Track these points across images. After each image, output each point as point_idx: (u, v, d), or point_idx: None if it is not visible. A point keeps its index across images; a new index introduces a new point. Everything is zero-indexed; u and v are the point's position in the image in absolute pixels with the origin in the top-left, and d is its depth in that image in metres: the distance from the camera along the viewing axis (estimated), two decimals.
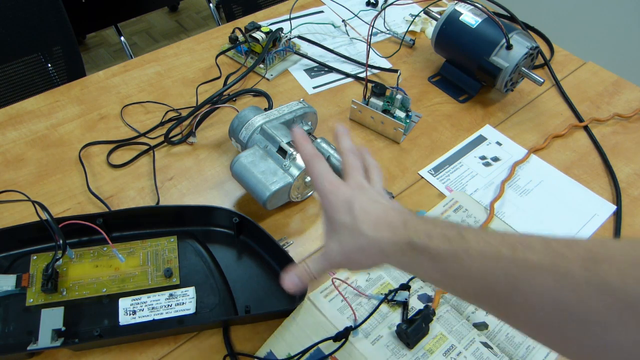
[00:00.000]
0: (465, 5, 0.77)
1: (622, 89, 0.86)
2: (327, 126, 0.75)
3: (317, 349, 0.50)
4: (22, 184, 0.65)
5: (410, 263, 0.38)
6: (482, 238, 0.34)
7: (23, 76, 1.03)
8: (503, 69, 0.73)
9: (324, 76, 0.84)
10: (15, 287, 0.53)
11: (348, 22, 0.94)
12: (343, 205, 0.40)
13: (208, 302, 0.54)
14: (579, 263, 0.29)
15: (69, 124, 0.72)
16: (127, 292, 0.54)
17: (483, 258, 0.33)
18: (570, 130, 0.78)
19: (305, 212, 0.65)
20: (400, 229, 0.38)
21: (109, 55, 2.03)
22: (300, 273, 0.43)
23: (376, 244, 0.38)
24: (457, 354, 0.52)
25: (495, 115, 0.80)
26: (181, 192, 0.65)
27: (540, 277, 0.30)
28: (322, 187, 0.42)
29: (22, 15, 0.95)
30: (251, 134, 0.63)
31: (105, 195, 0.64)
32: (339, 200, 0.41)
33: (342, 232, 0.40)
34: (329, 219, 0.42)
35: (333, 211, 0.41)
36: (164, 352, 0.51)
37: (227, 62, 0.85)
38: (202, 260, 0.57)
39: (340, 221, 0.40)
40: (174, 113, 0.75)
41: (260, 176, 0.59)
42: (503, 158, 0.74)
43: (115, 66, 0.82)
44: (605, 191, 0.70)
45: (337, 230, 0.41)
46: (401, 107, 0.74)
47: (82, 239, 0.58)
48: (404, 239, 0.37)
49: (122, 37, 1.63)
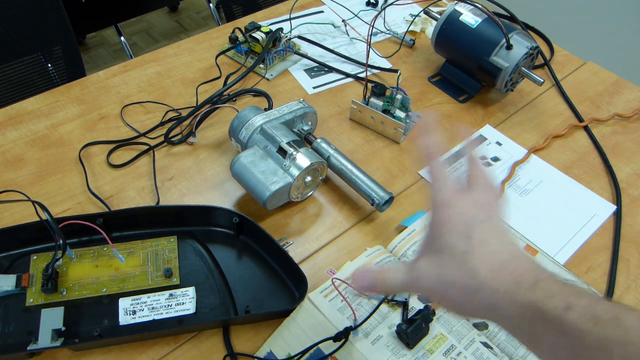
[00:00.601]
0: (465, 5, 0.77)
1: (622, 89, 0.86)
2: (327, 126, 0.75)
3: (317, 349, 0.50)
4: (22, 184, 0.65)
5: (530, 332, 0.30)
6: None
7: (23, 76, 1.03)
8: (503, 69, 0.73)
9: (324, 76, 0.84)
10: (15, 287, 0.53)
11: (348, 22, 0.94)
12: (459, 226, 0.33)
13: (208, 302, 0.54)
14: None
15: (69, 124, 0.72)
16: (127, 292, 0.54)
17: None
18: (570, 130, 0.78)
19: (305, 212, 0.65)
20: (528, 285, 0.30)
21: (109, 55, 2.03)
22: (376, 279, 0.36)
23: (489, 293, 0.30)
24: (457, 354, 0.52)
25: (495, 115, 0.80)
26: (181, 192, 0.65)
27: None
28: (439, 195, 0.35)
29: (22, 15, 0.95)
30: (251, 134, 0.63)
31: (105, 195, 0.64)
32: (456, 217, 0.33)
33: (446, 257, 0.32)
34: (434, 236, 0.34)
35: (444, 228, 0.33)
36: (164, 352, 0.51)
37: (227, 62, 0.85)
38: (202, 260, 0.57)
39: (450, 244, 0.32)
40: (174, 113, 0.75)
41: (260, 176, 0.59)
42: (503, 158, 0.74)
43: (115, 66, 0.82)
44: (605, 191, 0.70)
45: (440, 252, 0.33)
46: (401, 107, 0.74)
47: (82, 239, 0.58)
48: (530, 301, 0.29)
49: (122, 37, 1.63)
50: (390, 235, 0.63)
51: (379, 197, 0.62)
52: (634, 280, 0.60)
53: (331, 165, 0.65)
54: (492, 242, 0.32)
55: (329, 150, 0.66)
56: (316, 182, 0.64)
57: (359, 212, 0.65)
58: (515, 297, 0.30)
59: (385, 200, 0.62)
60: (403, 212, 0.65)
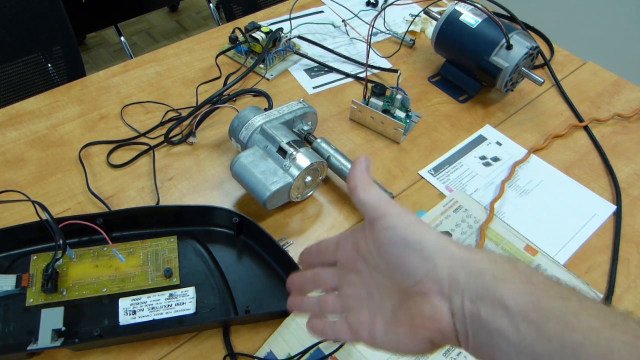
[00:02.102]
0: (465, 5, 0.77)
1: (622, 89, 0.86)
2: (327, 126, 0.75)
3: (317, 349, 0.51)
4: (22, 184, 0.65)
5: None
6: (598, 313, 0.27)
7: (23, 76, 1.03)
8: (503, 69, 0.73)
9: (324, 76, 0.84)
10: (15, 287, 0.53)
11: (348, 22, 0.94)
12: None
13: (208, 302, 0.54)
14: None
15: (69, 124, 0.72)
16: (127, 292, 0.54)
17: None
18: (570, 130, 0.78)
19: (305, 212, 0.65)
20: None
21: (109, 55, 2.03)
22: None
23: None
24: (457, 354, 0.52)
25: (495, 115, 0.80)
26: (181, 192, 0.65)
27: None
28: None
29: (22, 15, 0.95)
30: (251, 134, 0.63)
31: (105, 195, 0.64)
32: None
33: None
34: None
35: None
36: (164, 352, 0.51)
37: (227, 62, 0.85)
38: (202, 260, 0.57)
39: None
40: (174, 113, 0.75)
41: (260, 176, 0.59)
42: (503, 158, 0.74)
43: (115, 66, 0.82)
44: (605, 191, 0.70)
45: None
46: (401, 107, 0.74)
47: (82, 239, 0.58)
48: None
49: (122, 37, 1.63)
50: None
51: None
52: (634, 280, 0.60)
53: (331, 165, 0.65)
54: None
55: (329, 150, 0.66)
56: (316, 182, 0.64)
57: (359, 212, 0.65)
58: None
59: None
60: None
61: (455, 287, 0.31)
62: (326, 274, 0.38)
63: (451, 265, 0.31)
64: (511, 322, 0.28)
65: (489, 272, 0.30)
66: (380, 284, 0.35)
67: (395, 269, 0.33)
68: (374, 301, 0.35)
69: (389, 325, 0.34)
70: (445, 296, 0.31)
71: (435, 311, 0.31)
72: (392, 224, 0.33)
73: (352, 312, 0.36)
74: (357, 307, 0.36)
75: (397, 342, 0.34)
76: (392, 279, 0.34)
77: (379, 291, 0.35)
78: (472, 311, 0.30)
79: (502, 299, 0.29)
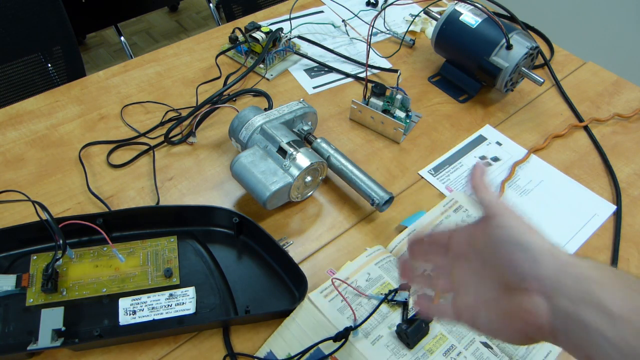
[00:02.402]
0: (465, 5, 0.77)
1: (622, 89, 0.86)
2: (327, 126, 0.75)
3: (317, 349, 0.50)
4: (22, 184, 0.65)
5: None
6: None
7: (23, 76, 1.03)
8: (503, 69, 0.73)
9: (324, 76, 0.84)
10: (15, 287, 0.53)
11: (348, 22, 0.94)
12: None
13: (208, 302, 0.54)
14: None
15: (69, 124, 0.72)
16: (127, 292, 0.54)
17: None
18: (570, 130, 0.78)
19: (305, 212, 0.65)
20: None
21: (109, 55, 2.03)
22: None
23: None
24: (457, 354, 0.52)
25: (495, 115, 0.80)
26: (181, 192, 0.65)
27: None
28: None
29: (22, 15, 0.95)
30: (251, 134, 0.63)
31: (105, 195, 0.64)
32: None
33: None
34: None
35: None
36: (164, 352, 0.51)
37: (227, 62, 0.85)
38: (202, 260, 0.57)
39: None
40: (174, 113, 0.75)
41: (260, 176, 0.59)
42: (503, 158, 0.74)
43: (115, 66, 0.82)
44: (605, 191, 0.70)
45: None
46: (401, 107, 0.74)
47: (82, 239, 0.58)
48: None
49: (122, 37, 1.63)
50: (390, 235, 0.63)
51: (379, 197, 0.62)
52: None
53: (331, 165, 0.65)
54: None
55: (329, 150, 0.66)
56: (316, 182, 0.64)
57: (359, 212, 0.65)
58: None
59: (385, 200, 0.62)
60: (403, 212, 0.65)
61: (557, 287, 0.33)
62: (438, 257, 0.42)
63: (555, 267, 0.33)
64: (612, 324, 0.30)
65: (591, 277, 0.32)
66: (486, 274, 0.37)
67: (502, 264, 0.36)
68: (480, 288, 0.38)
69: (491, 313, 0.36)
70: (546, 295, 0.33)
71: (536, 307, 0.33)
72: (504, 223, 0.36)
73: (459, 295, 0.39)
74: (464, 292, 0.39)
75: (496, 329, 0.36)
76: (498, 271, 0.36)
77: (484, 281, 0.37)
78: (573, 311, 0.32)
79: (604, 302, 0.31)
